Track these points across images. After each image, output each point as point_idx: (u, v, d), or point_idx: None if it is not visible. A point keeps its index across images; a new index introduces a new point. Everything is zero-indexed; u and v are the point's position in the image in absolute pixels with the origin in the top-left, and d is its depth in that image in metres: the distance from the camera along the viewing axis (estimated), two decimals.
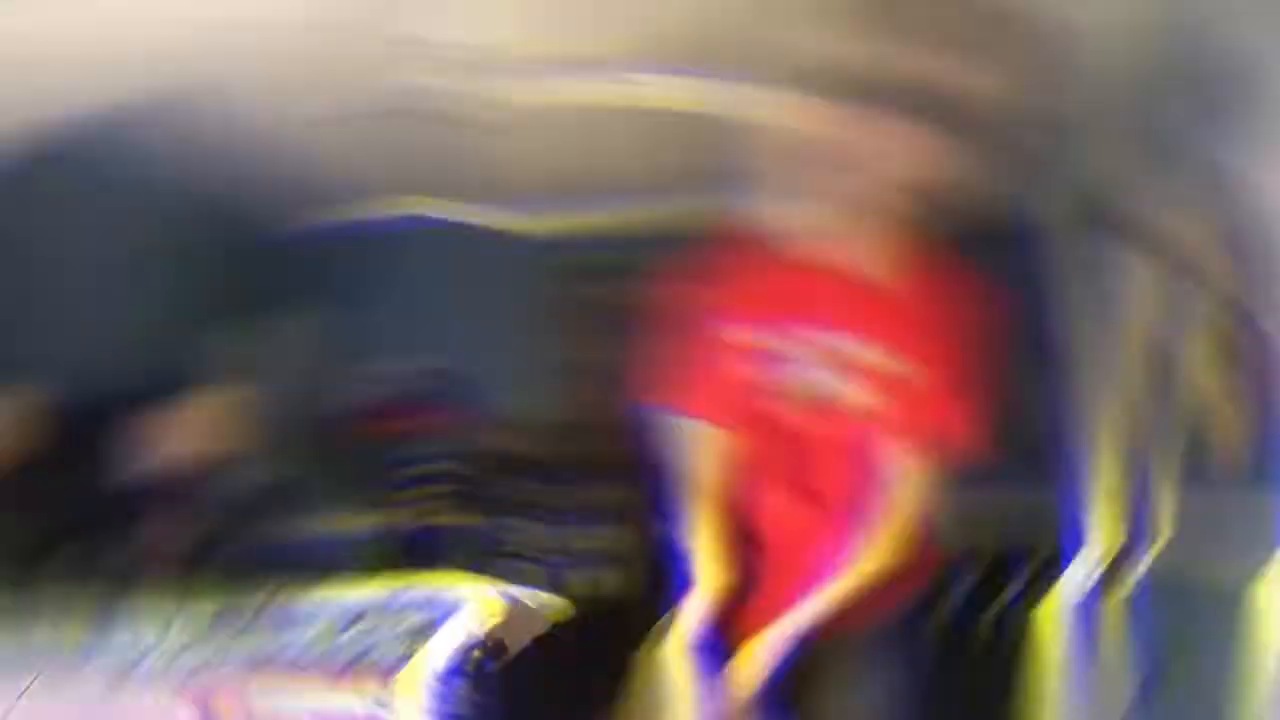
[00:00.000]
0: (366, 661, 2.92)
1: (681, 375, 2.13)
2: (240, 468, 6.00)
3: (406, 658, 2.88)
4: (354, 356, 6.89)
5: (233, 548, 5.72)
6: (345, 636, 3.04)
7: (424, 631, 2.97)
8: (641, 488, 6.18)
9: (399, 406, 6.79)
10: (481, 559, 6.15)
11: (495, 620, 2.91)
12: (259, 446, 6.33)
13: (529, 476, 6.31)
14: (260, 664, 2.97)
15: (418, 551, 6.59)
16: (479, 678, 2.81)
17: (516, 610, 3.17)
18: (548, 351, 6.82)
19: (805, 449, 1.83)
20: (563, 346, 6.81)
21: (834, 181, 1.72)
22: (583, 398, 6.73)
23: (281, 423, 6.63)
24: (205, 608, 3.55)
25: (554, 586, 5.82)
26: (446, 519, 6.62)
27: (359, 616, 3.17)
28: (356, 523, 6.67)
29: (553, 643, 3.28)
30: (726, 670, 1.97)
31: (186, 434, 5.02)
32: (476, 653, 2.81)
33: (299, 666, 2.96)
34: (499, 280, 6.93)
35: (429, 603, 3.34)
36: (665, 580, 6.37)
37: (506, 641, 2.90)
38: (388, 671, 2.86)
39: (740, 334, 2.00)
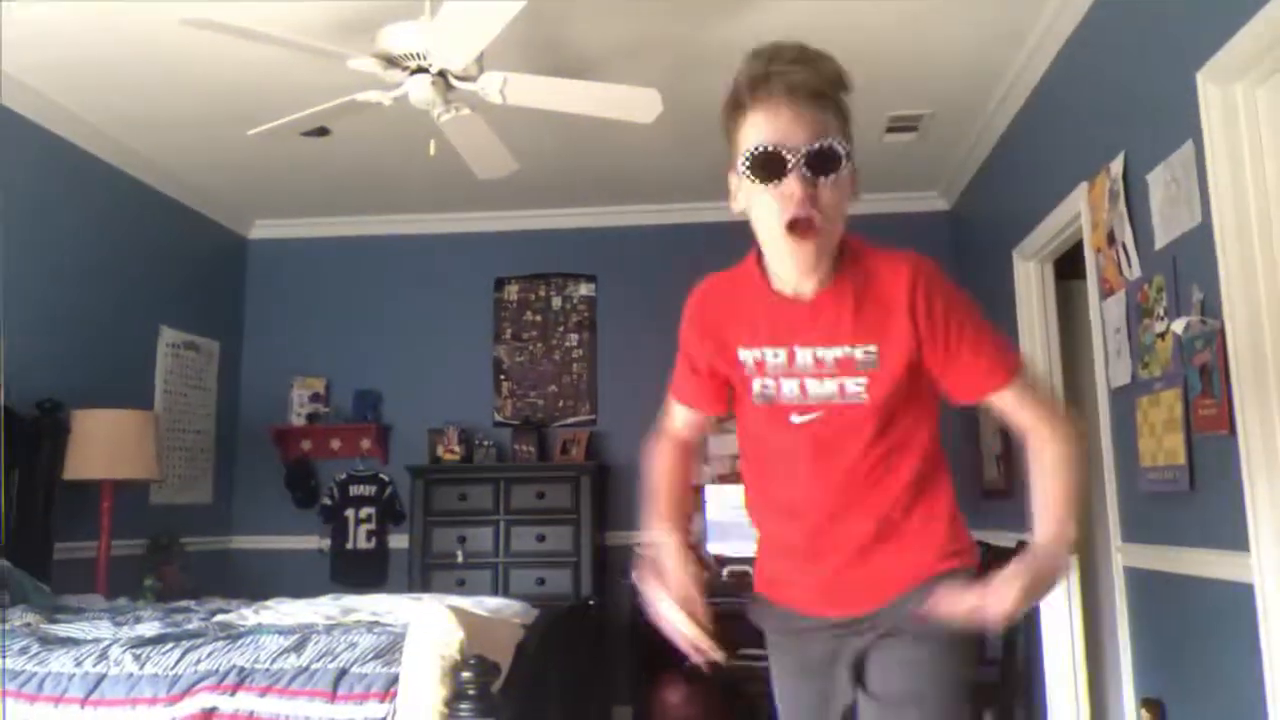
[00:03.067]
0: (347, 680, 2.88)
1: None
2: (169, 482, 5.95)
3: (385, 678, 2.84)
4: (282, 375, 6.86)
5: (175, 560, 5.66)
6: (306, 654, 2.99)
7: (389, 650, 2.93)
8: (581, 490, 6.28)
9: (333, 426, 6.74)
10: (429, 572, 6.17)
11: (464, 636, 2.87)
12: (189, 462, 6.27)
13: (469, 485, 6.27)
14: (237, 679, 2.91)
15: (363, 568, 6.63)
16: (479, 697, 2.77)
17: (483, 622, 3.13)
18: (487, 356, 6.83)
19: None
20: (504, 349, 6.82)
21: None
22: (520, 407, 6.74)
23: (214, 440, 6.57)
24: (151, 619, 3.48)
25: (504, 592, 5.83)
26: (387, 535, 6.62)
27: (314, 634, 3.11)
28: (296, 541, 6.71)
29: (529, 646, 3.24)
30: None
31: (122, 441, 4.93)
32: (465, 674, 2.77)
33: (274, 681, 2.91)
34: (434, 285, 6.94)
35: (378, 621, 3.31)
36: (610, 577, 6.54)
37: (489, 656, 2.86)
38: (379, 692, 2.83)
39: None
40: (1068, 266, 4.76)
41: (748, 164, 1.75)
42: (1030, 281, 5.02)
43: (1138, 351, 3.62)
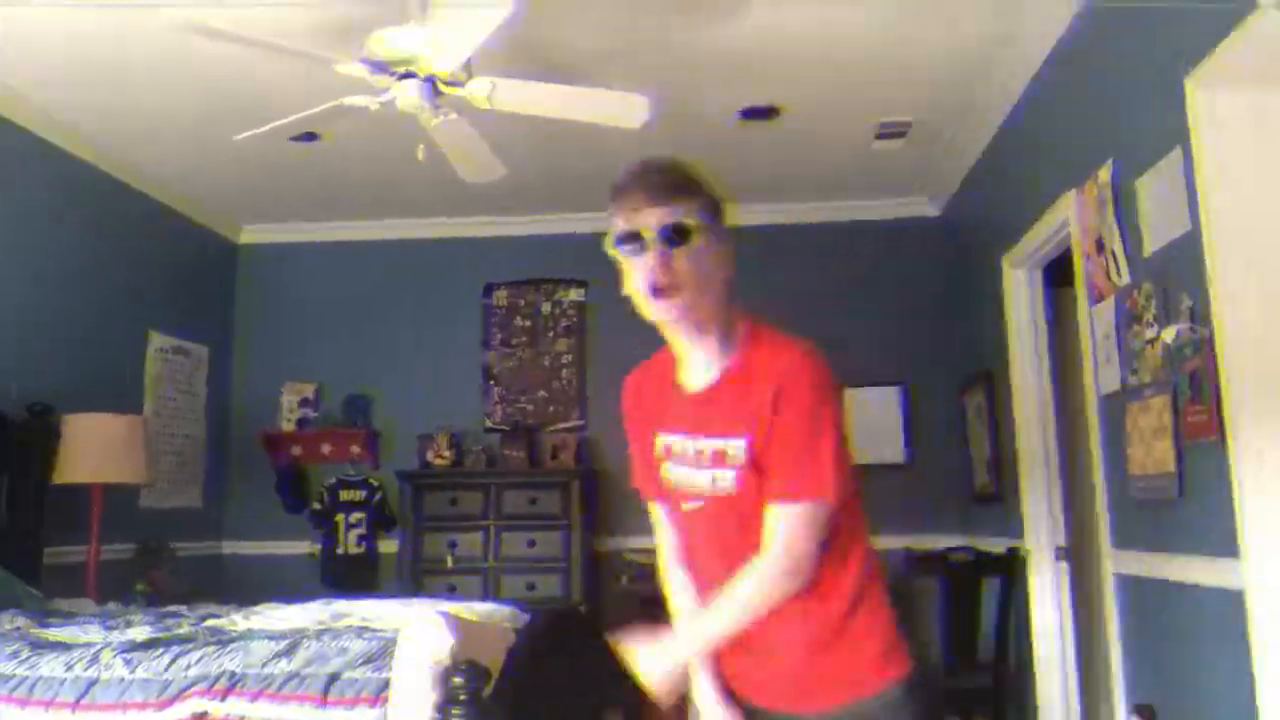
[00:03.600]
0: (338, 685, 2.87)
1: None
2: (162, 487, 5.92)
3: (376, 683, 2.84)
4: (272, 381, 6.84)
5: (165, 564, 5.64)
6: (297, 658, 2.98)
7: (380, 655, 2.92)
8: (570, 495, 6.27)
9: (323, 431, 6.73)
10: (419, 576, 6.16)
11: (454, 641, 2.86)
12: (179, 467, 6.25)
13: (459, 490, 6.26)
14: (228, 684, 2.90)
15: (354, 573, 6.61)
16: (470, 702, 2.78)
17: (474, 627, 3.12)
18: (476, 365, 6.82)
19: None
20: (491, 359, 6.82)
21: None
22: (509, 409, 6.74)
23: (204, 444, 6.55)
24: (142, 623, 3.46)
25: (495, 597, 5.82)
26: (377, 540, 6.61)
27: (304, 639, 3.10)
28: (287, 546, 6.64)
29: (520, 651, 3.24)
30: None
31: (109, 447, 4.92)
32: (456, 679, 2.77)
33: (265, 686, 2.91)
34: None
35: (369, 626, 3.30)
36: (600, 581, 6.54)
37: (480, 661, 2.86)
38: (369, 697, 2.82)
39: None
40: (1059, 273, 4.77)
41: (616, 242, 2.01)
42: (1020, 288, 5.03)
43: (1128, 358, 3.64)
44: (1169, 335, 3.22)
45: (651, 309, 2.01)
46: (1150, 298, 3.42)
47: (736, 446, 1.99)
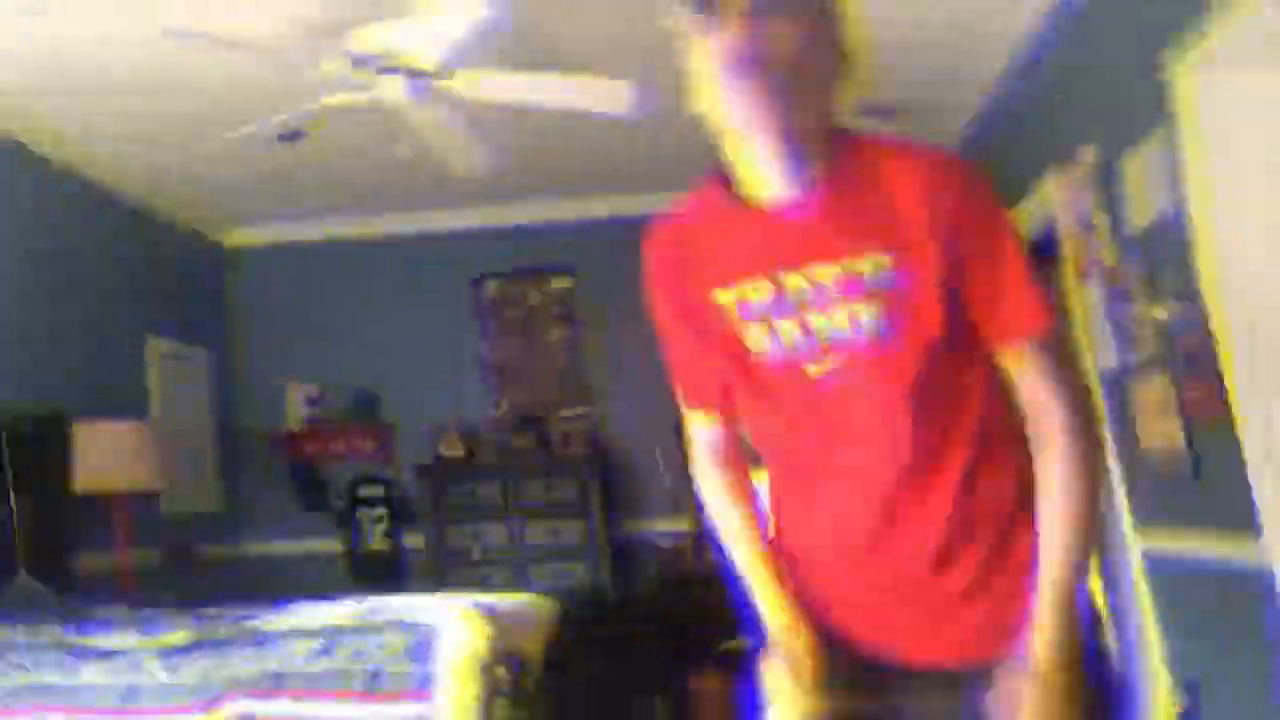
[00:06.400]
0: (380, 680, 2.89)
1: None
2: (182, 490, 5.89)
3: (418, 677, 2.86)
4: (277, 380, 6.86)
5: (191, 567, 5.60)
6: (337, 656, 3.00)
7: (420, 649, 2.94)
8: (588, 482, 6.23)
9: (333, 428, 6.76)
10: (446, 570, 6.12)
11: (493, 632, 2.90)
12: (193, 472, 6.23)
13: (476, 483, 6.29)
14: (272, 684, 2.94)
15: (380, 569, 6.56)
16: (513, 693, 2.80)
17: (510, 618, 3.14)
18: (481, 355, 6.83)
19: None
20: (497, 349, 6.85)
21: None
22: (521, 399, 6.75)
23: (215, 447, 6.52)
24: (179, 627, 3.46)
25: (523, 587, 5.83)
26: (401, 535, 6.57)
27: (343, 636, 3.12)
28: (311, 544, 6.60)
29: (558, 641, 3.26)
30: None
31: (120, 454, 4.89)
32: (499, 670, 2.80)
33: (308, 685, 2.94)
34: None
35: (407, 620, 3.31)
36: (624, 566, 6.56)
37: (523, 652, 2.89)
38: (412, 691, 2.85)
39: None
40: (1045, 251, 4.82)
41: (682, 5, 1.47)
42: None
43: (1125, 335, 3.68)
44: (1160, 313, 3.26)
45: (728, 94, 1.45)
46: (1139, 276, 3.47)
47: (879, 265, 1.45)
